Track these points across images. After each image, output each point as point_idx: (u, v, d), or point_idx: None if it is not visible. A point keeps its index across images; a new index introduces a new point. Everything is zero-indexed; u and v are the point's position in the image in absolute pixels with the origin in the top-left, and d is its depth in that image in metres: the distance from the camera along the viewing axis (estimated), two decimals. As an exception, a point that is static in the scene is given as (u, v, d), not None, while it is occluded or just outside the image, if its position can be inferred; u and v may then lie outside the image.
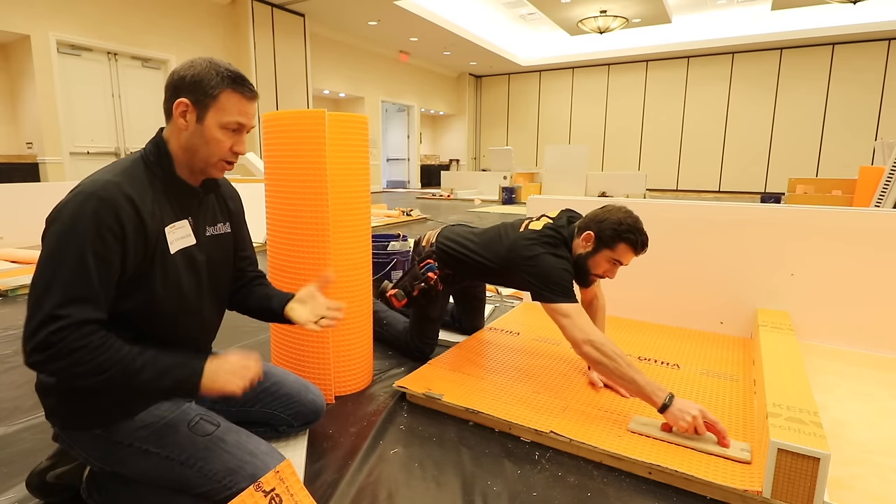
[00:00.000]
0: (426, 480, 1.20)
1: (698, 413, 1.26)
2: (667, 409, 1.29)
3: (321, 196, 1.50)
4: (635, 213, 1.55)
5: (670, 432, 1.30)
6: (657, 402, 1.30)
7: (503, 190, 9.42)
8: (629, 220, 1.52)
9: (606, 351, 1.38)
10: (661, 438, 1.29)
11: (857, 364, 1.86)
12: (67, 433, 0.99)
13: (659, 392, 1.30)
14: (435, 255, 1.88)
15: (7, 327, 2.32)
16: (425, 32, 10.35)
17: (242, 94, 0.99)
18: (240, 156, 1.04)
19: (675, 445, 1.26)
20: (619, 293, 2.39)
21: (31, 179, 5.95)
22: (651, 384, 1.32)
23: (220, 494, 0.96)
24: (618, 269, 1.59)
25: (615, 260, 1.55)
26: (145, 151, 1.01)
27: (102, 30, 6.44)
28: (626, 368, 1.35)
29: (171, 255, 0.99)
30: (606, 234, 1.53)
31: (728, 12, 10.41)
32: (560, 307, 1.48)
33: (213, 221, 1.12)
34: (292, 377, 1.31)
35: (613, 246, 1.53)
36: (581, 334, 1.43)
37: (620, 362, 1.36)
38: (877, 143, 7.35)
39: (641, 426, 1.34)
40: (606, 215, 1.56)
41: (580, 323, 1.45)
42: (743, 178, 12.00)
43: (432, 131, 15.83)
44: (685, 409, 1.27)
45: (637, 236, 1.51)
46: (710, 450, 1.23)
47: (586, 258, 1.59)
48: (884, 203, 5.05)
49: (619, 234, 1.51)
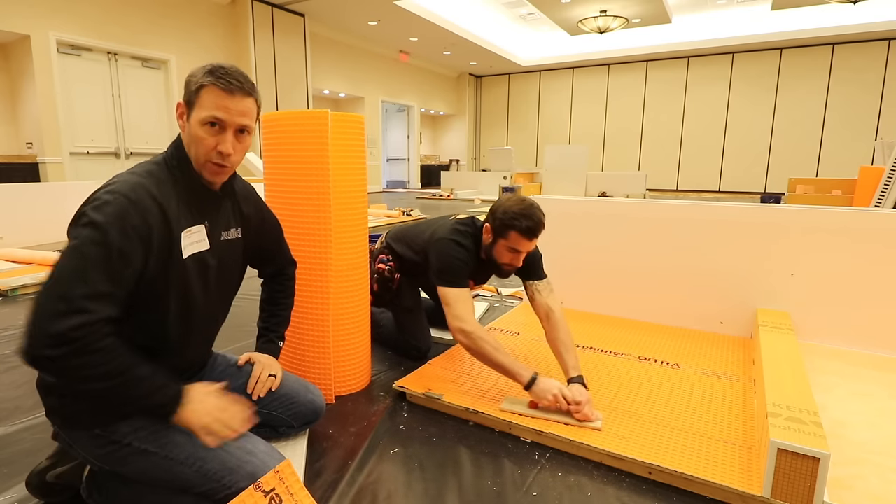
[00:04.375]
0: (426, 480, 1.20)
1: (558, 391, 1.38)
2: (531, 387, 1.40)
3: (323, 196, 1.50)
4: (529, 199, 1.57)
5: (536, 408, 1.42)
6: (522, 382, 1.41)
7: (503, 190, 9.42)
8: (516, 207, 1.53)
9: (474, 338, 1.47)
10: (528, 415, 1.41)
11: (857, 364, 1.86)
12: (67, 432, 0.99)
13: (524, 372, 1.41)
14: (386, 250, 2.00)
15: (7, 327, 2.32)
16: (425, 32, 10.35)
17: (220, 86, 0.95)
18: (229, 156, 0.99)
19: (544, 420, 1.38)
20: (619, 293, 2.40)
21: (31, 179, 5.95)
22: (516, 365, 1.43)
23: (219, 494, 0.96)
24: (522, 255, 1.59)
25: (511, 248, 1.57)
26: (167, 154, 1.02)
27: (102, 30, 6.45)
28: (493, 353, 1.45)
29: (184, 259, 0.99)
30: (497, 224, 1.57)
31: (728, 12, 10.41)
32: (444, 293, 1.56)
33: (227, 226, 1.12)
34: (292, 377, 1.31)
35: (505, 234, 1.55)
36: (455, 322, 1.51)
37: (487, 348, 1.45)
38: (877, 143, 7.35)
39: (512, 405, 1.46)
40: (498, 206, 1.59)
41: (457, 311, 1.52)
42: (743, 178, 12.00)
43: (432, 131, 15.83)
44: (547, 389, 1.38)
45: (522, 222, 1.51)
46: (568, 421, 1.37)
47: (489, 249, 1.63)
48: (884, 203, 5.05)
49: (505, 224, 1.54)
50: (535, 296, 1.69)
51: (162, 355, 1.03)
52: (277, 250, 1.34)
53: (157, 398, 0.92)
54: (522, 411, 1.42)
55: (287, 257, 1.37)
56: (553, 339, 1.60)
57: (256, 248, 1.25)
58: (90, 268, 0.84)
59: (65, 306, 0.81)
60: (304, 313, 1.57)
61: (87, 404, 0.96)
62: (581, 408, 1.35)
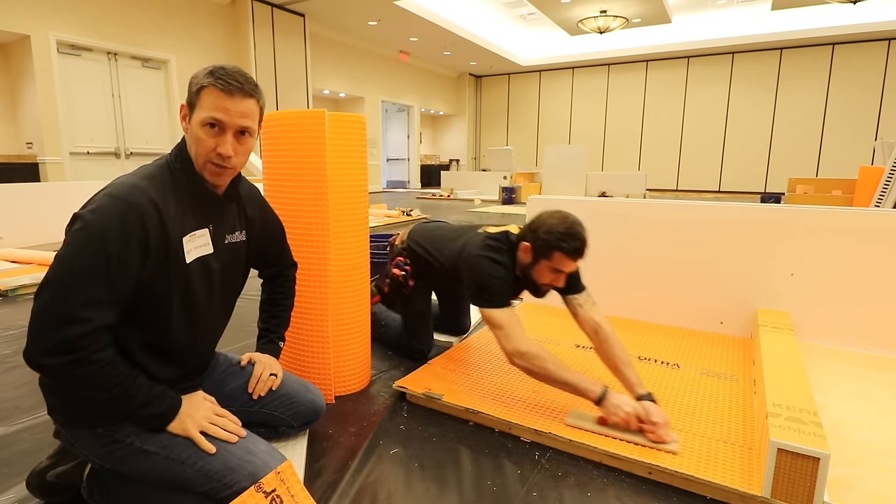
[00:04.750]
0: (426, 480, 1.20)
1: (631, 409, 1.29)
2: (602, 402, 1.32)
3: (321, 196, 1.50)
4: (572, 216, 1.46)
5: (606, 425, 1.33)
6: (593, 397, 1.33)
7: (503, 190, 9.42)
8: (561, 226, 1.43)
9: (533, 359, 1.38)
10: (596, 431, 1.33)
11: (857, 364, 1.86)
12: (69, 430, 0.99)
13: (593, 387, 1.33)
14: (405, 253, 1.89)
15: (7, 327, 2.32)
16: (425, 32, 10.35)
17: (219, 87, 0.95)
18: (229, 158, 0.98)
19: (613, 438, 1.30)
20: (619, 293, 2.40)
21: (31, 179, 5.95)
22: (584, 381, 1.34)
23: (220, 493, 0.96)
24: (564, 276, 1.50)
25: (555, 269, 1.47)
26: (171, 157, 1.01)
27: (102, 30, 6.45)
28: (556, 372, 1.36)
29: (188, 263, 0.99)
30: (540, 244, 1.46)
31: (728, 12, 10.41)
32: (491, 315, 1.47)
33: (231, 229, 1.12)
34: (292, 377, 1.31)
35: (549, 255, 1.45)
36: (509, 345, 1.42)
37: (551, 367, 1.36)
38: (877, 143, 7.35)
39: (578, 419, 1.38)
40: (539, 224, 1.48)
41: (509, 333, 1.43)
42: (743, 178, 12.00)
43: (432, 131, 15.83)
44: (619, 405, 1.30)
45: (570, 243, 1.41)
46: (642, 442, 1.27)
47: (529, 269, 1.53)
48: (884, 203, 5.05)
49: (550, 244, 1.43)
50: (577, 310, 1.57)
51: (166, 357, 1.04)
52: (280, 252, 1.34)
53: (153, 408, 0.95)
54: (590, 427, 1.34)
55: (289, 259, 1.38)
56: (608, 356, 1.48)
57: (260, 250, 1.25)
58: (87, 274, 0.84)
59: (62, 314, 0.82)
60: (303, 313, 1.57)
61: (91, 403, 0.96)
62: (657, 429, 1.26)
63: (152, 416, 0.96)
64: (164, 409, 0.96)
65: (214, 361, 1.25)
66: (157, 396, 0.95)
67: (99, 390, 0.87)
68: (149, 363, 1.01)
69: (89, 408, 0.96)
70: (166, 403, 0.97)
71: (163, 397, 0.96)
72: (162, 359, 1.03)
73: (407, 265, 1.88)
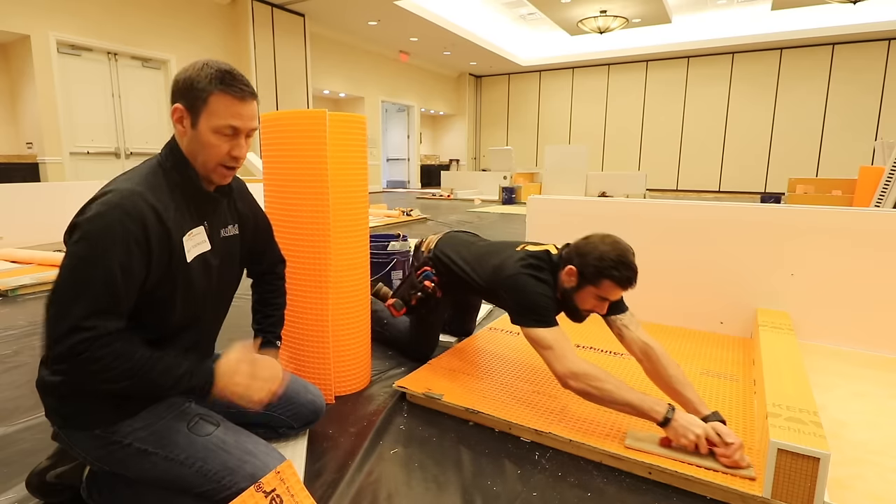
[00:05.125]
0: (426, 480, 1.20)
1: (702, 431, 1.18)
2: (668, 423, 1.21)
3: (322, 196, 1.50)
4: (624, 243, 1.40)
5: (669, 447, 1.23)
6: (657, 418, 1.22)
7: (503, 190, 9.42)
8: (612, 253, 1.36)
9: (592, 382, 1.28)
10: (661, 455, 1.22)
11: (857, 364, 1.86)
12: (67, 432, 0.99)
13: (657, 407, 1.23)
14: (431, 263, 1.82)
15: (7, 327, 2.32)
16: (425, 32, 10.34)
17: (233, 94, 0.96)
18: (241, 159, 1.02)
19: (682, 462, 1.19)
20: (619, 293, 2.39)
21: (31, 179, 5.95)
22: (647, 400, 1.24)
23: (219, 494, 0.96)
24: (608, 304, 1.44)
25: (601, 297, 1.41)
26: (162, 157, 1.01)
27: (102, 30, 6.44)
28: (617, 392, 1.26)
29: (188, 262, 1.00)
30: (589, 270, 1.39)
31: (728, 12, 10.41)
32: (538, 335, 1.39)
33: (224, 224, 1.13)
34: (292, 377, 1.31)
35: (597, 283, 1.39)
36: (562, 366, 1.33)
37: (610, 388, 1.26)
38: (877, 143, 7.35)
39: (638, 442, 1.27)
40: (589, 248, 1.41)
41: (561, 353, 1.34)
42: (743, 178, 12.00)
43: (432, 131, 15.82)
44: (688, 426, 1.19)
45: (622, 272, 1.35)
46: (714, 467, 1.16)
47: (571, 293, 1.45)
48: (884, 203, 5.05)
49: (601, 272, 1.37)
50: (623, 332, 1.47)
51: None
52: (267, 246, 1.33)
53: (188, 383, 0.94)
54: (653, 450, 1.23)
55: (277, 254, 1.37)
56: (663, 378, 1.37)
57: (250, 244, 1.25)
58: (90, 286, 0.85)
59: (67, 325, 0.83)
60: (303, 313, 1.57)
61: (87, 404, 0.96)
62: (731, 452, 1.15)
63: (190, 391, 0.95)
64: (200, 381, 0.95)
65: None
66: (188, 372, 0.94)
67: (122, 379, 0.87)
68: None
69: (88, 405, 0.96)
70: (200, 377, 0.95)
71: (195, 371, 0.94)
72: None
73: (435, 275, 1.80)
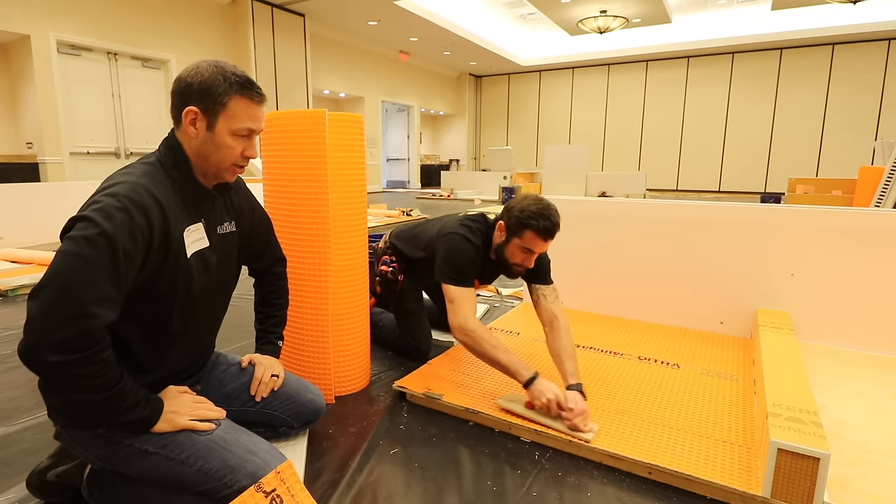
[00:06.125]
0: (426, 480, 1.20)
1: (553, 396, 1.34)
2: (530, 385, 1.38)
3: (322, 196, 1.50)
4: (546, 200, 1.54)
5: (532, 409, 1.40)
6: (521, 379, 1.40)
7: (503, 190, 9.42)
8: (533, 206, 1.51)
9: (474, 336, 1.47)
10: (522, 414, 1.40)
11: (857, 364, 1.86)
12: (69, 432, 0.99)
13: (524, 371, 1.40)
14: (389, 251, 1.97)
15: (7, 327, 2.32)
16: (425, 32, 10.34)
17: (251, 98, 1.00)
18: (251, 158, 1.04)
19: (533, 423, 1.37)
20: (619, 293, 2.40)
21: (31, 179, 5.95)
22: (516, 363, 1.42)
23: (220, 493, 0.96)
24: (534, 256, 1.57)
25: (525, 248, 1.54)
26: (160, 155, 1.02)
27: (102, 30, 6.44)
28: (492, 351, 1.44)
29: (188, 258, 1.00)
30: (512, 222, 1.54)
31: (728, 12, 10.41)
32: (448, 290, 1.55)
33: (221, 221, 1.13)
34: (292, 377, 1.31)
35: (520, 234, 1.53)
36: (457, 320, 1.50)
37: (486, 346, 1.45)
38: (877, 143, 7.35)
39: (509, 402, 1.45)
40: (514, 203, 1.56)
41: (460, 309, 1.51)
42: (743, 178, 12.00)
43: (432, 131, 15.82)
44: (542, 390, 1.36)
45: (539, 222, 1.48)
46: (559, 427, 1.33)
47: (501, 248, 1.60)
48: (884, 203, 5.05)
49: (522, 222, 1.51)
50: (540, 300, 1.65)
51: (167, 351, 1.04)
52: (267, 244, 1.33)
53: (139, 411, 0.94)
54: (518, 410, 1.42)
55: (277, 253, 1.37)
56: (555, 346, 1.56)
57: (248, 240, 1.25)
58: (97, 271, 0.84)
59: (73, 311, 0.81)
60: (303, 313, 1.57)
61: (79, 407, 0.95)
62: (573, 416, 1.31)
63: (138, 420, 0.94)
64: (149, 412, 0.95)
65: (214, 361, 1.25)
66: (142, 400, 0.94)
67: (95, 392, 0.86)
68: (149, 359, 1.02)
69: (78, 412, 0.95)
70: (151, 406, 0.96)
71: (147, 401, 0.95)
72: (162, 354, 1.04)
73: (393, 262, 1.94)
